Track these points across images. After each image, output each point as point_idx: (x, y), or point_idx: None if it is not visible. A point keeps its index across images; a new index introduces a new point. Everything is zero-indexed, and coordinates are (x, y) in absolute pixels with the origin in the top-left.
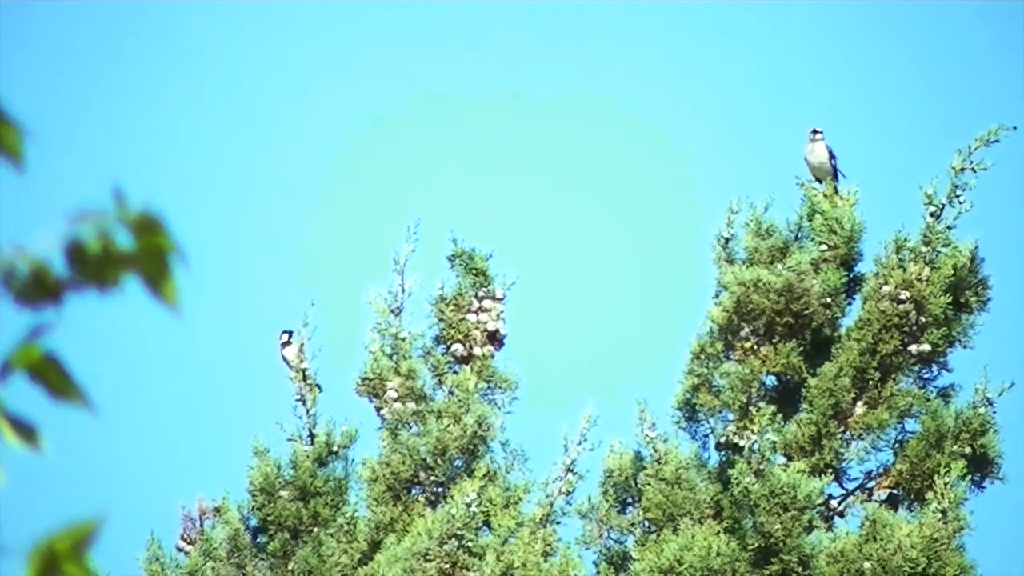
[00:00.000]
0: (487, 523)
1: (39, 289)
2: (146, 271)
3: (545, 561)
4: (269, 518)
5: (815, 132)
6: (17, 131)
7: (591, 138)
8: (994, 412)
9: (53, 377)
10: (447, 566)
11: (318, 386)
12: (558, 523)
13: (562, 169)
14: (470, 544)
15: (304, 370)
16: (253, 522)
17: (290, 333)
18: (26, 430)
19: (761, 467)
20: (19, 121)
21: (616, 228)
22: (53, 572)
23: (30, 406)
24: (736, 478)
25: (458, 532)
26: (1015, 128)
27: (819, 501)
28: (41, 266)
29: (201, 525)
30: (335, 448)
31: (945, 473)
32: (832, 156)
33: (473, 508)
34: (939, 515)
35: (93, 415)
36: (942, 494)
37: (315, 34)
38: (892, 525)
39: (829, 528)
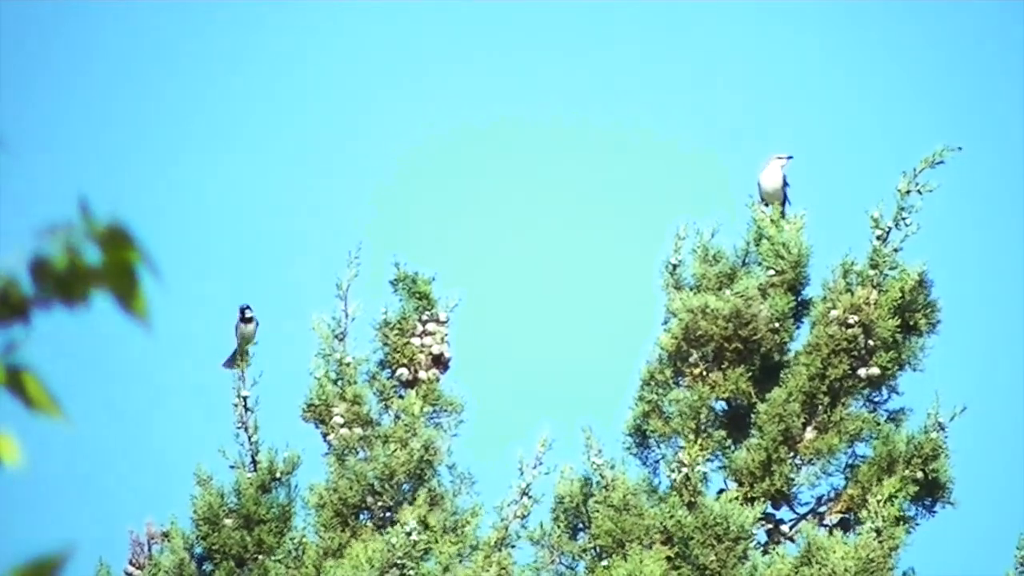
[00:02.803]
0: (428, 550)
1: (6, 307)
2: (115, 285)
3: None
4: (214, 547)
5: (780, 158)
6: None
7: (535, 154)
8: (946, 437)
9: (26, 389)
10: None
11: (248, 409)
12: (513, 547)
13: (506, 188)
14: (411, 573)
15: (245, 398)
16: (198, 551)
17: (247, 308)
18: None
19: (693, 499)
20: None
21: (562, 249)
22: None
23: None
24: (669, 511)
25: (399, 561)
26: (960, 148)
27: (754, 530)
28: (10, 283)
29: (149, 550)
30: (278, 474)
31: (878, 491)
32: (785, 183)
33: (414, 536)
34: (873, 534)
35: (69, 425)
36: (875, 512)
37: (259, 50)
38: (827, 548)
39: (765, 552)
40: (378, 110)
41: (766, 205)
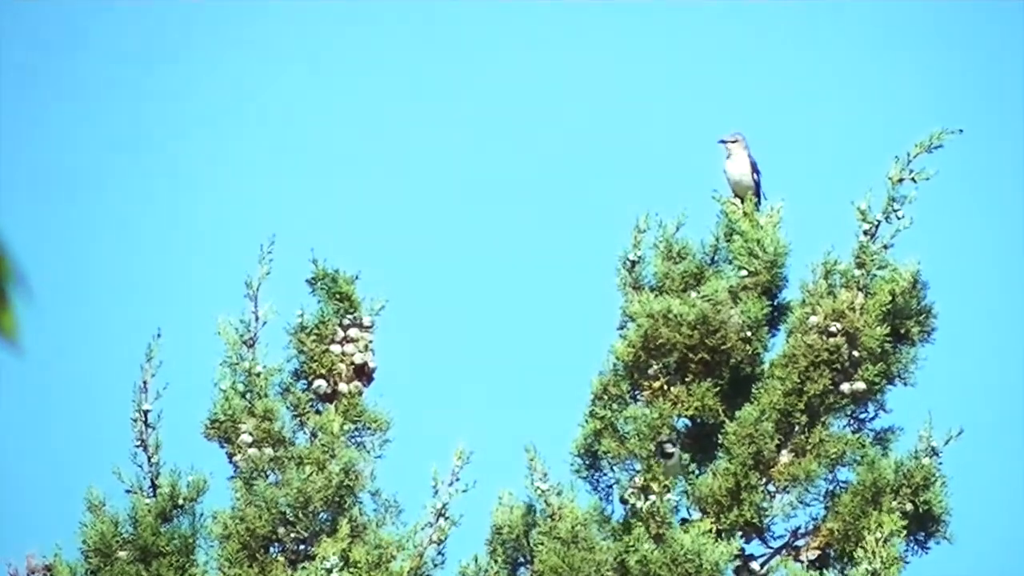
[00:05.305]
0: None
1: None
2: None
3: None
4: None
5: (728, 141)
6: None
7: (472, 140)
8: (940, 463)
9: None
10: None
11: (149, 426)
12: None
13: (436, 177)
14: None
15: (146, 412)
16: None
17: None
18: None
19: (661, 531)
20: None
21: (502, 242)
22: None
23: None
24: (634, 545)
25: None
26: (961, 131)
27: (730, 566)
28: None
29: None
30: (181, 501)
31: (876, 528)
32: (756, 170)
33: (335, 573)
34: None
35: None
36: (873, 553)
37: (167, 37)
38: None
39: None
40: (298, 94)
41: (741, 201)
